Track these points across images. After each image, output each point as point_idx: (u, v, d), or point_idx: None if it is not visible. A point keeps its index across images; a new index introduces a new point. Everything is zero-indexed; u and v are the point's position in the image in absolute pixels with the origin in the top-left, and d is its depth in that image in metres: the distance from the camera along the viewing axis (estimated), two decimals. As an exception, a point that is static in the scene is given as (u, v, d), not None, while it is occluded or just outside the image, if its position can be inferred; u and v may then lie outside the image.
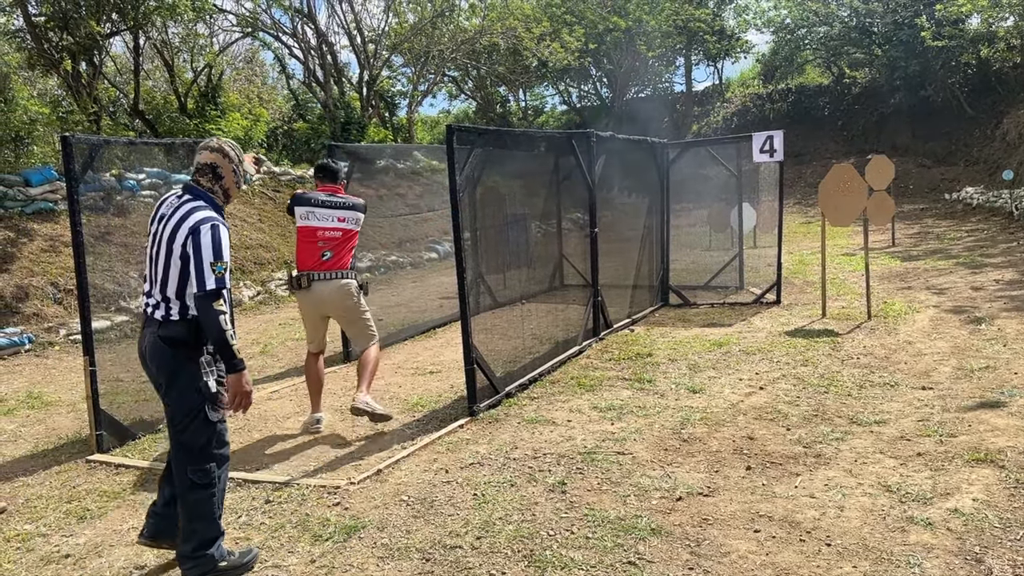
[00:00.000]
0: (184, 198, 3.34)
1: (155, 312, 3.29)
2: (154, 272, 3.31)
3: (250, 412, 5.86)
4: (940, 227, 15.61)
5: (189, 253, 3.17)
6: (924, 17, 21.26)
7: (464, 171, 5.49)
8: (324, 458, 4.77)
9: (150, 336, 3.29)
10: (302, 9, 17.60)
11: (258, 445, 5.14)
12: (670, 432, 4.85)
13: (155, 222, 3.37)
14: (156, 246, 3.31)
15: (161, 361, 3.27)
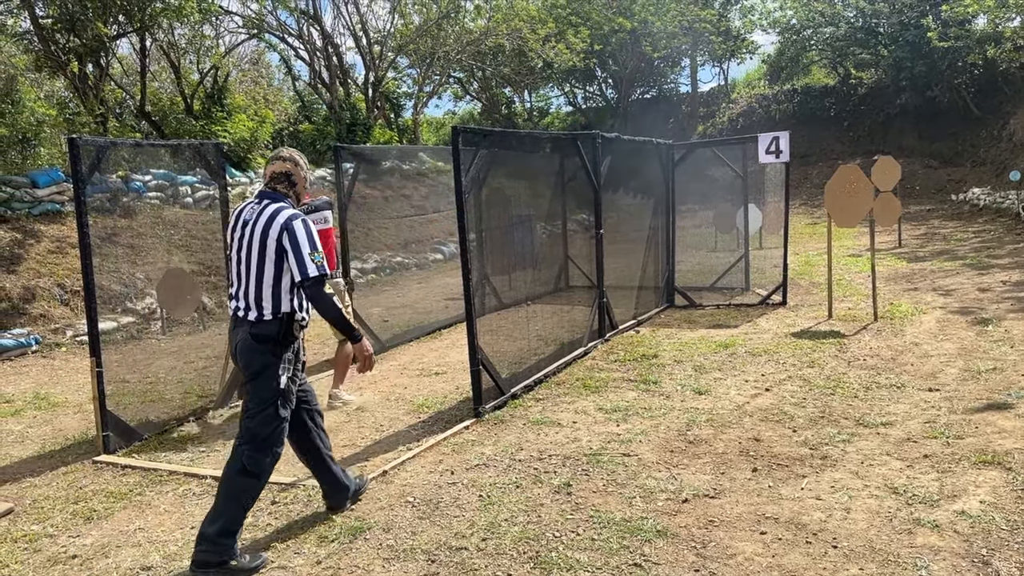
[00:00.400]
0: (264, 203, 3.60)
1: (247, 314, 3.53)
2: (245, 274, 3.56)
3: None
4: (947, 228, 15.56)
5: (286, 247, 3.47)
6: (930, 18, 21.19)
7: (470, 172, 5.49)
8: (330, 459, 4.77)
9: (242, 334, 3.54)
10: (308, 11, 17.64)
11: (264, 446, 5.14)
12: (676, 434, 4.85)
13: (238, 229, 3.62)
14: (246, 249, 3.56)
15: (250, 356, 3.53)
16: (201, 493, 4.37)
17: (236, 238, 3.61)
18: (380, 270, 13.22)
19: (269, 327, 3.51)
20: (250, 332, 3.52)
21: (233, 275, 3.64)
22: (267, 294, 3.51)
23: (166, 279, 7.94)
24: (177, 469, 4.77)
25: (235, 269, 3.62)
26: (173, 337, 9.09)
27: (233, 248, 3.62)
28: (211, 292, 10.19)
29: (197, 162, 6.41)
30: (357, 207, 14.23)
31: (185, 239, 11.56)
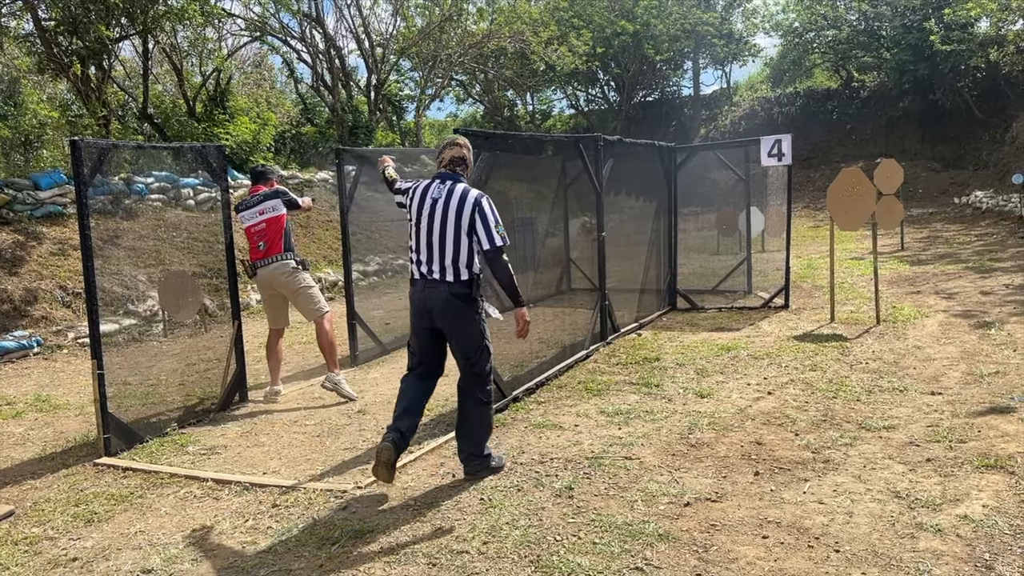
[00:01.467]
0: (448, 183, 4.22)
1: (444, 276, 4.14)
2: (439, 244, 4.14)
3: (257, 417, 5.90)
4: (949, 231, 15.55)
5: (476, 220, 4.10)
6: (933, 21, 21.18)
7: (472, 175, 5.48)
8: (331, 462, 4.77)
9: (441, 294, 4.14)
10: (310, 13, 17.66)
11: (265, 449, 5.14)
12: (678, 437, 4.84)
13: (426, 205, 4.19)
14: (439, 223, 4.14)
15: (455, 312, 4.17)
16: (202, 496, 4.37)
17: (426, 213, 4.19)
18: (382, 272, 13.21)
19: (465, 286, 4.15)
20: (450, 292, 4.15)
21: (422, 244, 4.20)
22: (462, 260, 4.13)
23: (168, 281, 7.97)
24: (178, 472, 4.76)
25: (424, 239, 4.18)
26: (175, 339, 9.09)
27: (422, 221, 4.19)
28: (212, 294, 10.19)
29: (199, 164, 6.41)
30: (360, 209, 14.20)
31: (187, 241, 11.57)
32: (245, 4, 17.23)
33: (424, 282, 4.22)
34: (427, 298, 4.20)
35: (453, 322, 4.20)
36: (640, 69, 27.56)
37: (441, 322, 4.21)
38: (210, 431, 5.64)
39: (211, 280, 10.49)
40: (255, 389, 6.63)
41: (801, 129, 25.54)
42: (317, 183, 14.86)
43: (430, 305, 4.20)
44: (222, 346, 6.56)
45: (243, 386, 6.33)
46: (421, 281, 4.24)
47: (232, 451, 5.15)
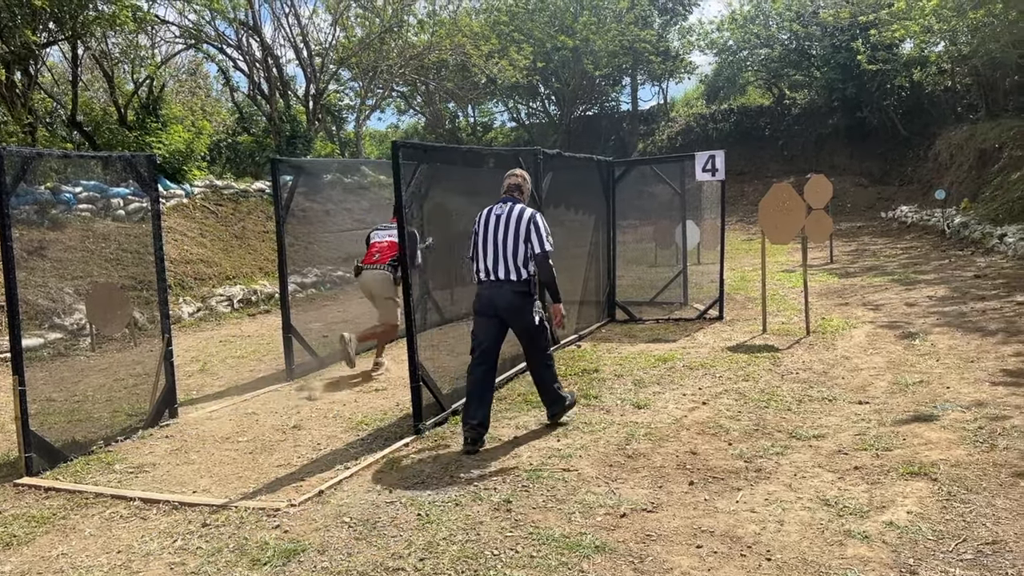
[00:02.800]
0: (508, 204, 5.30)
1: (508, 276, 5.14)
2: (503, 251, 5.16)
3: (187, 433, 5.74)
4: (876, 244, 16.10)
5: (531, 230, 5.15)
6: (860, 41, 21.98)
7: (410, 187, 5.46)
8: (264, 479, 4.66)
9: (507, 293, 5.15)
10: (247, 22, 17.39)
11: (195, 467, 5.00)
12: (615, 448, 4.88)
13: (491, 222, 5.24)
14: (502, 234, 5.17)
15: (518, 305, 5.18)
16: (129, 516, 4.22)
17: (491, 227, 5.22)
18: (320, 284, 13.04)
19: (524, 285, 5.19)
20: (512, 289, 5.16)
21: (489, 251, 5.19)
22: (521, 263, 5.15)
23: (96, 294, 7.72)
24: (104, 491, 4.59)
25: (491, 248, 5.18)
26: (103, 354, 8.80)
27: (488, 234, 5.21)
28: (143, 307, 9.91)
29: (129, 174, 6.24)
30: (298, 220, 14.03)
31: (117, 252, 11.22)
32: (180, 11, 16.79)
33: (490, 282, 5.21)
34: (494, 295, 5.19)
35: (515, 312, 5.19)
36: (580, 84, 27.90)
37: (506, 313, 5.19)
38: (138, 449, 5.46)
39: (141, 292, 10.20)
40: (186, 405, 6.46)
41: (735, 145, 26.17)
42: (253, 193, 14.61)
43: (496, 300, 5.18)
44: (152, 360, 6.38)
45: (173, 402, 6.15)
46: (487, 281, 5.23)
47: (161, 469, 5.00)
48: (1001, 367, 6.16)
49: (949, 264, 12.12)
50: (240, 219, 13.76)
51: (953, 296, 9.33)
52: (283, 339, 7.46)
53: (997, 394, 5.47)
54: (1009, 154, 16.63)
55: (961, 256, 12.82)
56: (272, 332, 9.34)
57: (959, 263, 12.08)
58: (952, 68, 21.65)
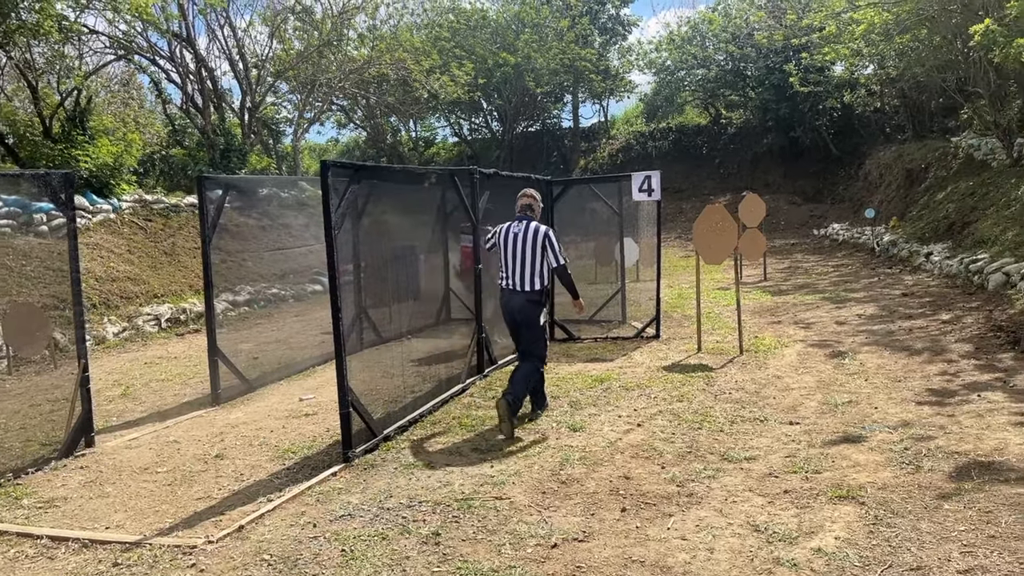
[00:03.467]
0: (524, 222, 6.12)
1: (522, 286, 6.00)
2: (522, 264, 6.00)
3: (104, 463, 5.47)
4: (809, 262, 16.46)
5: (547, 247, 6.00)
6: (792, 64, 22.59)
7: (340, 207, 5.33)
8: (182, 514, 4.45)
9: (520, 300, 6.02)
10: (180, 33, 16.97)
11: (110, 501, 4.76)
12: (549, 473, 4.81)
13: (510, 237, 6.09)
14: (520, 249, 6.01)
15: (528, 312, 6.03)
16: (35, 555, 3.98)
17: (510, 243, 6.07)
18: (254, 302, 12.71)
19: (537, 295, 6.03)
20: (527, 299, 6.00)
21: (508, 264, 6.07)
22: (537, 275, 6.00)
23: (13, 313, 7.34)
24: (9, 529, 4.33)
25: (510, 261, 6.05)
26: (20, 377, 8.39)
27: (508, 249, 6.08)
28: (65, 327, 9.48)
29: (43, 193, 5.95)
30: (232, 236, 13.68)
31: (38, 270, 10.75)
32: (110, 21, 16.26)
33: (509, 291, 6.11)
34: (509, 301, 6.13)
35: (524, 317, 6.05)
36: (522, 100, 28.02)
37: (518, 316, 6.07)
38: (50, 481, 5.18)
39: (64, 312, 9.76)
40: (104, 433, 6.18)
41: (673, 163, 26.61)
42: (185, 208, 14.19)
43: (511, 306, 6.12)
44: (71, 384, 6.08)
45: (90, 430, 5.87)
46: (507, 290, 6.13)
47: (73, 503, 4.74)
48: (927, 386, 6.30)
49: (878, 282, 12.44)
50: (170, 235, 13.35)
51: (881, 315, 9.55)
52: (209, 363, 7.18)
53: (922, 414, 5.57)
54: (935, 174, 17.23)
55: (890, 274, 13.18)
56: (200, 353, 9.02)
57: (888, 281, 12.41)
58: (881, 90, 22.40)
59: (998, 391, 5.99)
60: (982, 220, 12.27)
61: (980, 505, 3.99)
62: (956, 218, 13.54)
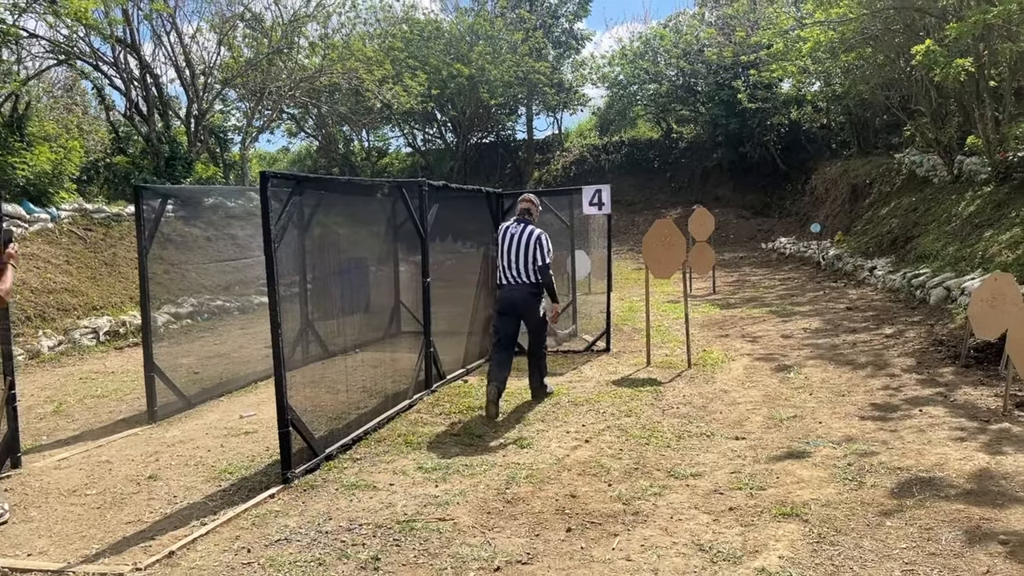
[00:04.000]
0: (522, 225, 6.79)
1: (524, 279, 6.69)
2: (516, 262, 6.69)
3: (30, 485, 5.22)
4: (756, 275, 16.68)
5: (537, 248, 6.65)
6: (741, 80, 22.99)
7: (281, 219, 5.19)
8: (110, 539, 4.25)
9: (522, 293, 6.72)
10: (124, 39, 16.54)
11: (34, 526, 4.52)
12: (495, 493, 4.72)
13: (507, 239, 6.76)
14: (516, 248, 6.70)
15: (530, 304, 6.77)
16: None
17: (510, 243, 6.74)
18: (197, 314, 12.38)
19: (535, 288, 6.74)
20: (528, 291, 6.73)
21: (509, 261, 6.74)
22: (531, 271, 6.69)
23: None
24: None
25: (511, 258, 6.73)
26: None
27: (507, 247, 6.75)
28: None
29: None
30: (175, 246, 13.31)
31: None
32: (51, 25, 15.76)
33: (510, 285, 6.79)
34: (512, 295, 6.78)
35: (527, 309, 6.80)
36: (476, 112, 28.00)
37: (521, 308, 6.78)
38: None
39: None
40: (32, 452, 5.91)
41: (626, 176, 26.86)
42: (127, 217, 13.78)
43: (514, 299, 6.77)
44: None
45: (16, 450, 5.59)
46: (508, 285, 6.80)
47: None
48: (870, 401, 6.37)
49: (823, 296, 12.65)
50: (111, 245, 12.95)
51: (826, 328, 9.69)
52: (145, 378, 6.93)
53: (866, 429, 5.63)
54: (879, 190, 17.65)
55: (835, 288, 13.41)
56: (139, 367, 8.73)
57: (833, 295, 12.63)
58: (827, 107, 22.91)
59: (939, 406, 6.09)
60: (924, 235, 12.57)
61: (921, 522, 4.01)
62: (899, 233, 13.86)
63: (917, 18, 12.61)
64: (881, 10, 12.21)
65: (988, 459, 4.84)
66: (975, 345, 7.35)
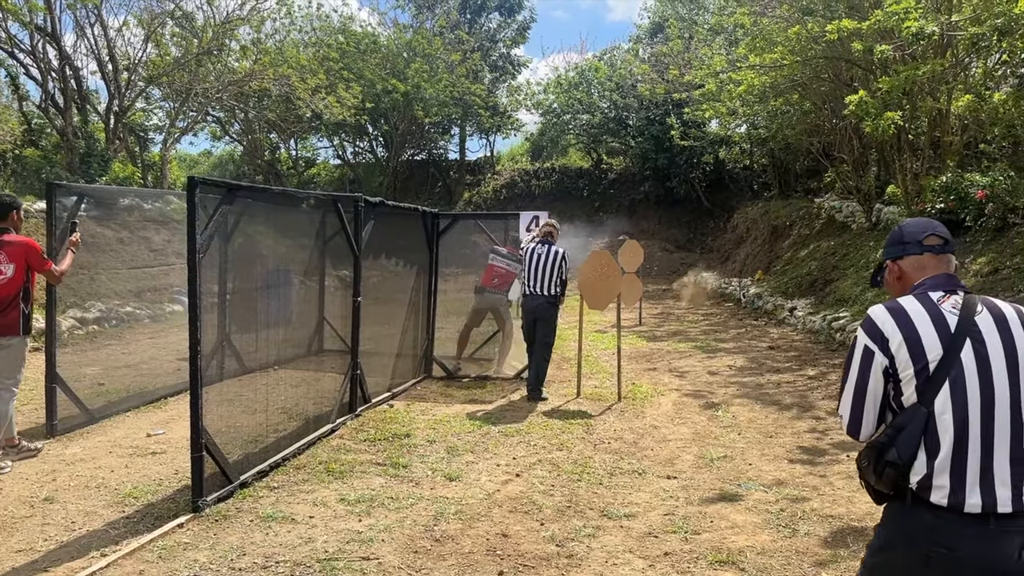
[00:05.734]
0: (545, 246, 8.11)
1: (543, 292, 7.97)
2: (541, 277, 7.97)
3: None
4: (680, 309, 16.92)
5: (563, 264, 8.04)
6: (673, 117, 23.49)
7: (208, 229, 4.88)
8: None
9: (541, 301, 7.99)
10: (45, 27, 15.70)
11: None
12: (422, 529, 4.50)
13: (534, 257, 8.06)
14: (542, 265, 7.99)
15: (546, 310, 8.00)
16: None
17: (534, 260, 8.04)
18: (104, 320, 11.70)
19: (552, 299, 7.99)
20: (546, 300, 7.96)
21: (534, 275, 8.00)
22: (552, 285, 7.97)
23: None
24: None
25: (535, 273, 7.99)
26: None
27: (533, 264, 8.02)
28: None
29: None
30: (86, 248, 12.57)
31: None
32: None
33: (532, 295, 8.00)
34: (533, 303, 7.99)
35: (542, 314, 7.97)
36: (409, 128, 27.74)
37: (539, 314, 7.96)
38: None
39: None
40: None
41: (555, 202, 27.02)
42: (35, 213, 12.98)
43: (533, 306, 7.99)
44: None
45: None
46: (531, 295, 8.02)
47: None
48: (797, 443, 6.41)
49: (746, 333, 12.87)
50: (14, 242, 12.14)
51: (751, 367, 9.81)
52: (45, 389, 6.42)
53: (795, 473, 5.64)
54: (798, 232, 18.20)
55: (756, 326, 13.67)
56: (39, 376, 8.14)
57: (755, 333, 12.86)
58: (751, 149, 23.61)
59: (864, 451, 6.16)
60: (843, 279, 12.96)
61: (855, 573, 3.98)
62: (818, 275, 14.27)
63: (845, 69, 13.08)
64: (812, 58, 12.61)
65: (916, 509, 4.89)
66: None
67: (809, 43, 12.11)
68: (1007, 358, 2.10)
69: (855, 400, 2.22)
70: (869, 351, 2.19)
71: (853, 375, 2.22)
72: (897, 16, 8.86)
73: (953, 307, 2.16)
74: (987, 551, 2.02)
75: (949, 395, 2.07)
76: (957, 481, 2.05)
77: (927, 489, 2.07)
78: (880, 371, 2.17)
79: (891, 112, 9.36)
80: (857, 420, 2.22)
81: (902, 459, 2.09)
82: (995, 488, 2.03)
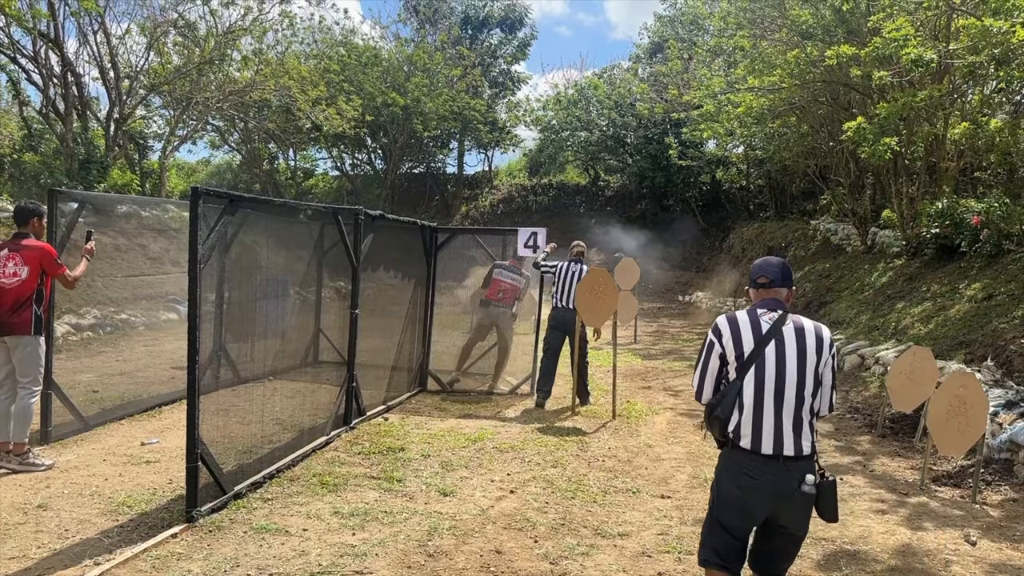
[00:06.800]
0: (579, 264, 8.55)
1: (570, 304, 8.30)
2: (570, 288, 8.37)
3: None
4: (674, 327, 16.96)
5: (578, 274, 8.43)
6: (671, 137, 23.63)
7: (209, 239, 4.90)
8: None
9: (572, 315, 8.17)
10: (48, 33, 15.74)
11: None
12: (416, 544, 4.49)
13: (567, 275, 8.47)
14: (570, 279, 8.41)
15: (575, 323, 8.16)
16: None
17: (567, 276, 8.45)
18: (99, 327, 11.67)
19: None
20: (576, 313, 8.07)
21: (565, 291, 8.42)
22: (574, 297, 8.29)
23: None
24: None
25: (566, 289, 8.43)
26: None
27: (565, 280, 8.44)
28: None
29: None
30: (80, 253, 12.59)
31: None
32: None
33: (564, 308, 8.36)
34: (565, 315, 8.31)
35: (572, 328, 8.20)
36: (408, 142, 27.84)
37: (569, 327, 8.26)
38: None
39: None
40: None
41: (552, 218, 27.10)
42: (32, 219, 12.97)
43: (566, 319, 8.29)
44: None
45: None
46: (562, 308, 8.37)
47: None
48: (790, 465, 6.42)
49: (740, 353, 12.89)
50: (11, 246, 12.13)
51: (745, 386, 9.83)
52: (40, 395, 6.39)
53: (788, 494, 5.64)
54: (794, 253, 18.28)
55: (750, 346, 13.70)
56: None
57: (749, 353, 12.88)
58: (748, 170, 23.75)
59: (859, 475, 6.19)
60: (838, 301, 13.02)
61: None
62: (813, 297, 14.33)
63: (843, 93, 13.20)
64: (810, 82, 12.72)
65: (910, 534, 4.91)
66: (891, 416, 7.56)
67: (808, 67, 12.23)
68: (798, 355, 3.10)
69: (700, 375, 3.29)
70: (711, 343, 3.24)
71: (701, 358, 3.29)
72: (896, 43, 8.95)
73: (769, 319, 3.16)
74: (778, 480, 3.05)
75: (753, 375, 3.10)
76: (756, 433, 3.07)
77: (738, 437, 3.10)
78: (716, 356, 3.21)
79: (888, 138, 9.44)
80: (700, 388, 3.30)
81: (724, 415, 3.13)
82: (783, 439, 3.04)
